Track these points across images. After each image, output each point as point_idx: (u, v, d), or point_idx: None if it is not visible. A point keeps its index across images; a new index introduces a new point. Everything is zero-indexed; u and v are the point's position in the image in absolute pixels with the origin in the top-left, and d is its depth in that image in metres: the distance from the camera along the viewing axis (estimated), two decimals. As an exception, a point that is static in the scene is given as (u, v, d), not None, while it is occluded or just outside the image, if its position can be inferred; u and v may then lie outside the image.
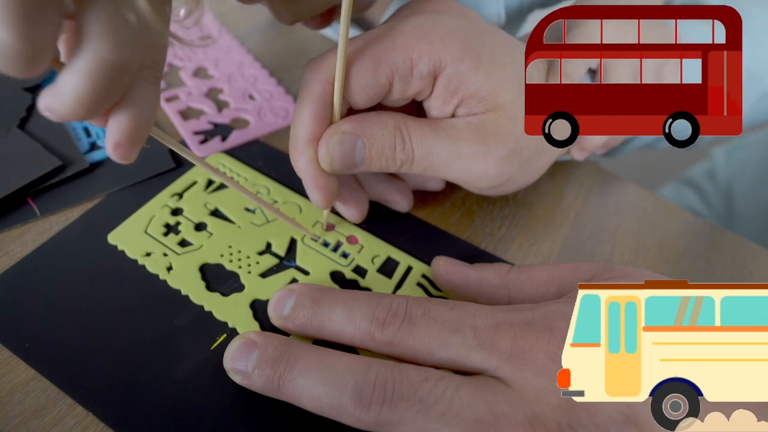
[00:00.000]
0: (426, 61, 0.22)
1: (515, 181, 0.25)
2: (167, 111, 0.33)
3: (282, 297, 0.22)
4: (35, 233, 0.25)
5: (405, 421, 0.17)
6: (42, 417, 0.20)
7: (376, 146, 0.23)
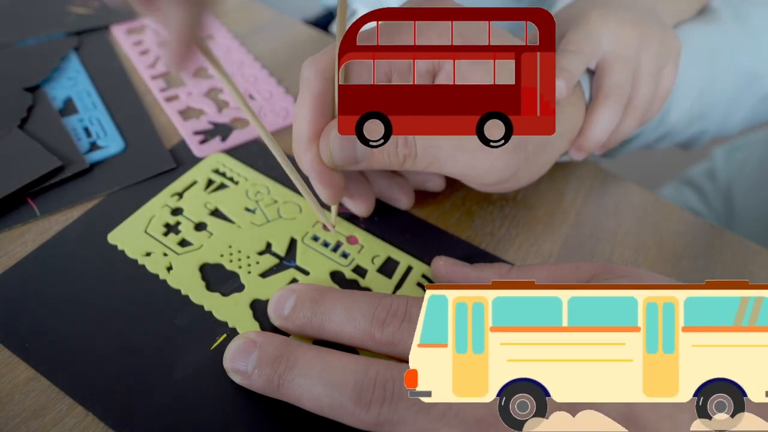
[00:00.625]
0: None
1: (521, 176, 0.25)
2: (167, 111, 0.33)
3: (282, 297, 0.22)
4: (35, 233, 0.25)
5: (405, 421, 0.17)
6: (42, 417, 0.20)
7: None
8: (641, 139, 0.32)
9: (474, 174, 0.24)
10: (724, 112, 0.35)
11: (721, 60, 0.33)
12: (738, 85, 0.34)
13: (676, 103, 0.31)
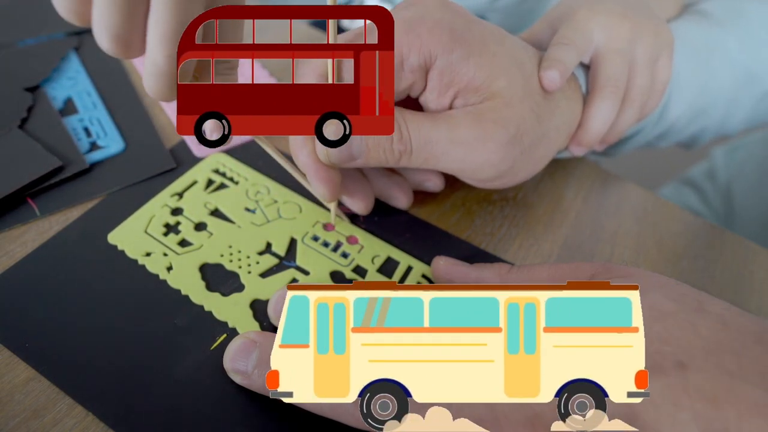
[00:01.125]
0: (416, 54, 0.22)
1: (518, 170, 0.25)
2: (167, 110, 0.33)
3: (282, 297, 0.22)
4: (35, 233, 0.25)
5: (405, 421, 0.17)
6: (42, 417, 0.20)
7: (372, 137, 0.23)
8: (642, 136, 0.32)
9: (470, 169, 0.24)
10: (724, 111, 0.35)
11: (720, 58, 0.33)
12: (737, 83, 0.34)
13: (675, 99, 0.31)
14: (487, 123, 0.23)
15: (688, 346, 0.17)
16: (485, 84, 0.23)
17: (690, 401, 0.16)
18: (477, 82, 0.23)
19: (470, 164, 0.24)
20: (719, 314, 0.18)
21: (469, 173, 0.25)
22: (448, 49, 0.22)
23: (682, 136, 0.36)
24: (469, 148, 0.23)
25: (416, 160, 0.23)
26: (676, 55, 0.31)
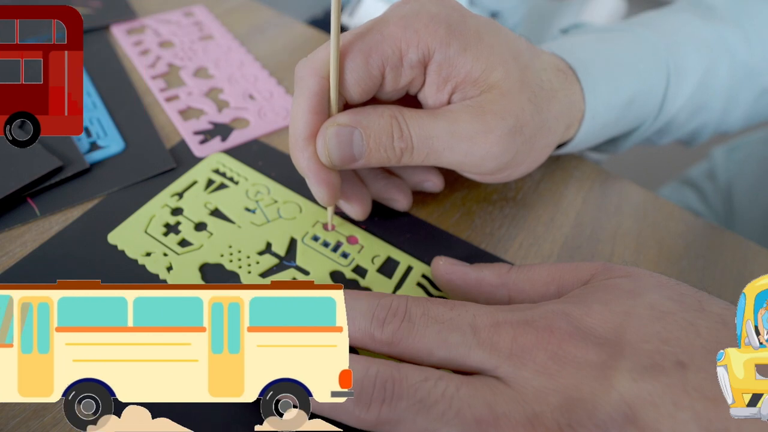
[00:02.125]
0: (414, 49, 0.22)
1: (520, 161, 0.25)
2: (167, 111, 0.33)
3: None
4: (35, 233, 0.26)
5: (405, 420, 0.17)
6: (42, 417, 0.20)
7: (373, 136, 0.23)
8: (641, 131, 0.32)
9: (472, 162, 0.24)
10: (723, 106, 0.35)
11: (721, 53, 0.33)
12: (737, 79, 0.34)
13: (675, 93, 0.31)
14: (487, 115, 0.23)
15: (688, 346, 0.17)
16: (483, 76, 0.23)
17: (690, 401, 0.16)
18: (474, 74, 0.23)
19: (472, 157, 0.23)
20: (719, 314, 0.18)
21: (471, 166, 0.24)
22: (445, 42, 0.22)
23: (681, 133, 0.36)
24: (470, 141, 0.23)
25: (418, 156, 0.23)
26: (678, 47, 0.31)
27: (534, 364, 0.17)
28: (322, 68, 0.22)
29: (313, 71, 0.22)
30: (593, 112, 0.27)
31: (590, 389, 0.17)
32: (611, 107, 0.28)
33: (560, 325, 0.18)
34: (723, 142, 0.60)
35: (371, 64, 0.22)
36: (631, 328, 0.18)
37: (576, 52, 0.28)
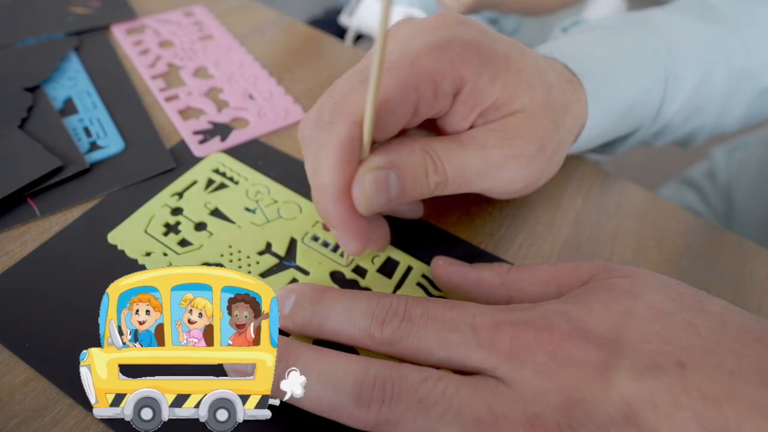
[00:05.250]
0: (449, 81, 0.21)
1: (541, 179, 0.25)
2: (167, 111, 0.33)
3: (281, 297, 0.22)
4: (35, 233, 0.26)
5: (404, 421, 0.17)
6: (42, 417, 0.20)
7: (409, 175, 0.21)
8: (639, 134, 0.32)
9: (501, 185, 0.24)
10: (720, 108, 0.35)
11: (718, 54, 0.33)
12: (734, 81, 0.34)
13: (672, 95, 0.31)
14: (514, 139, 0.22)
15: (687, 346, 0.17)
16: (508, 102, 0.22)
17: (690, 401, 0.16)
18: (501, 101, 0.22)
19: (501, 180, 0.23)
20: (719, 314, 0.18)
21: (499, 189, 0.24)
22: (477, 73, 0.21)
23: (678, 135, 0.36)
24: (500, 167, 0.23)
25: (451, 188, 0.23)
26: (676, 51, 0.31)
27: (534, 364, 0.17)
28: (355, 113, 0.20)
29: (345, 116, 0.20)
30: (594, 120, 0.27)
31: (590, 389, 0.17)
32: (611, 114, 0.28)
33: (560, 325, 0.18)
34: (723, 142, 0.60)
35: (407, 101, 0.20)
36: (631, 327, 0.18)
37: (578, 56, 0.27)
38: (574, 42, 0.29)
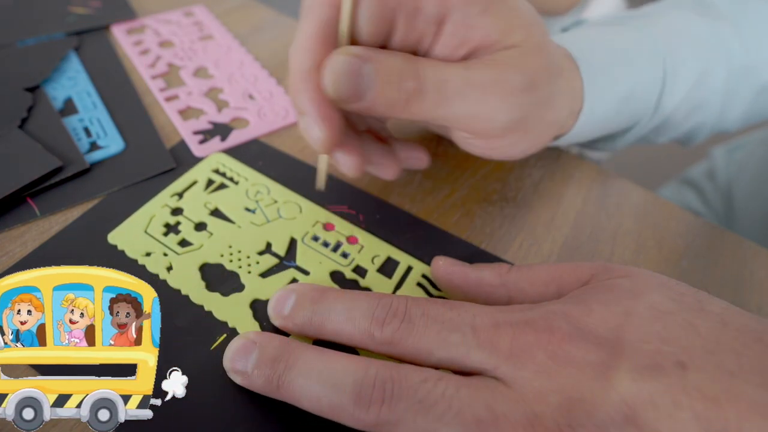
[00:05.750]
0: (434, 2, 0.21)
1: (528, 127, 0.24)
2: (167, 111, 0.33)
3: (282, 297, 0.22)
4: (35, 233, 0.26)
5: (404, 421, 0.17)
6: (42, 417, 0.20)
7: (385, 71, 0.21)
8: (637, 129, 0.32)
9: (483, 115, 0.22)
10: (721, 105, 0.35)
11: (719, 51, 0.33)
12: (734, 77, 0.34)
13: (671, 90, 0.31)
14: (502, 65, 0.22)
15: (688, 346, 0.17)
16: (500, 39, 0.22)
17: (690, 401, 0.16)
18: (492, 37, 0.21)
19: (483, 107, 0.22)
20: (719, 314, 0.18)
21: (480, 122, 0.23)
22: (466, 1, 0.21)
23: (679, 131, 0.36)
24: (483, 89, 0.22)
25: (427, 102, 0.22)
26: (676, 45, 0.31)
27: (534, 365, 0.17)
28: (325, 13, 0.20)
29: (324, 0, 0.21)
30: (591, 105, 0.27)
31: (590, 389, 0.17)
32: (608, 101, 0.28)
33: (560, 325, 0.18)
34: (723, 141, 0.60)
35: (387, 3, 0.20)
36: (631, 328, 0.18)
37: (577, 43, 0.28)
38: (574, 34, 0.29)
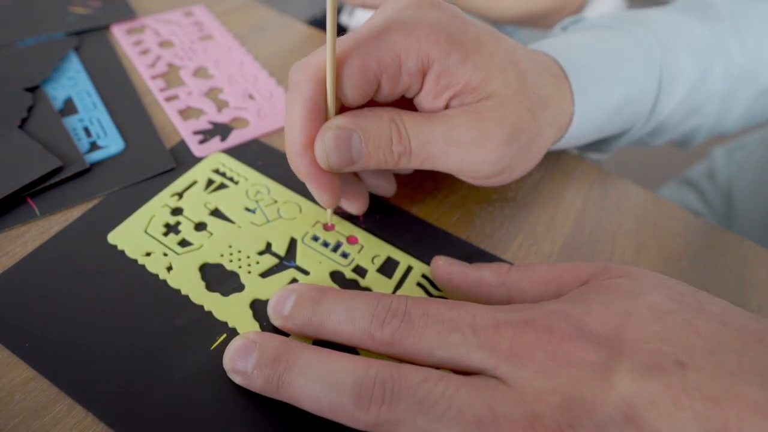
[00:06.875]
0: (414, 58, 0.22)
1: (515, 167, 0.25)
2: (167, 111, 0.33)
3: (282, 297, 0.22)
4: (35, 233, 0.26)
5: (404, 421, 0.17)
6: (42, 417, 0.20)
7: (372, 139, 0.22)
8: (633, 132, 0.32)
9: (468, 168, 0.24)
10: (719, 108, 0.35)
11: (717, 54, 0.33)
12: (733, 81, 0.34)
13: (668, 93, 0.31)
14: (484, 122, 0.23)
15: (688, 346, 0.17)
16: (482, 85, 0.23)
17: (690, 401, 0.16)
18: (474, 83, 0.23)
19: (468, 164, 0.24)
20: (719, 314, 0.18)
21: (466, 172, 0.25)
22: (445, 53, 0.22)
23: (675, 134, 0.36)
24: (467, 147, 0.23)
25: (415, 160, 0.23)
26: (672, 50, 0.31)
27: (534, 364, 0.17)
28: (317, 73, 0.22)
29: (308, 76, 0.22)
30: (581, 116, 0.27)
31: (590, 389, 0.17)
32: (600, 111, 0.28)
33: (560, 325, 0.18)
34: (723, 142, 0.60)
35: (368, 69, 0.22)
36: (631, 327, 0.18)
37: (569, 53, 0.28)
38: (569, 39, 0.29)
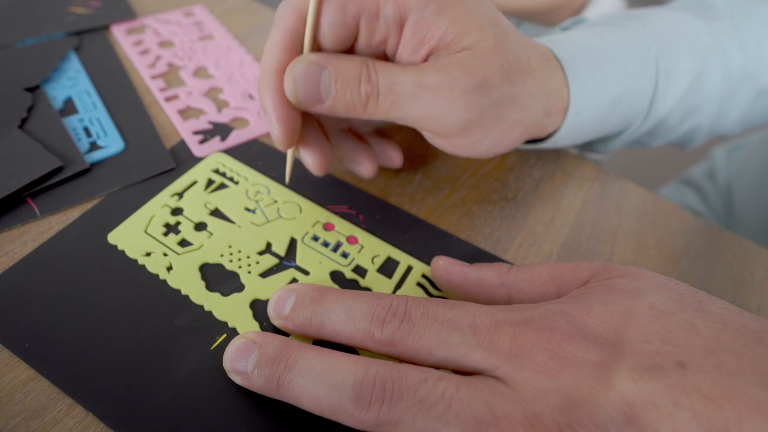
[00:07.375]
0: (391, 6, 0.22)
1: (487, 126, 0.25)
2: (167, 111, 0.33)
3: (282, 297, 0.22)
4: (35, 233, 0.26)
5: (404, 421, 0.17)
6: (42, 417, 0.20)
7: (342, 77, 0.23)
8: (629, 132, 0.32)
9: (436, 115, 0.23)
10: (717, 109, 0.35)
11: (715, 55, 0.33)
12: (732, 81, 0.34)
13: (664, 94, 0.31)
14: (453, 68, 0.23)
15: (687, 346, 0.17)
16: (456, 39, 0.23)
17: (690, 401, 0.16)
18: (448, 37, 0.23)
19: (435, 110, 0.23)
20: (719, 314, 0.18)
21: (434, 121, 0.24)
22: (423, 3, 0.22)
23: (673, 135, 0.35)
24: (435, 91, 0.23)
25: (383, 103, 0.23)
26: (670, 48, 0.31)
27: (534, 364, 0.17)
28: (300, 8, 0.23)
29: (291, 10, 0.23)
30: (578, 107, 0.27)
31: (590, 389, 0.17)
32: (597, 104, 0.28)
33: (560, 325, 0.18)
34: (723, 142, 0.60)
35: (348, 10, 0.22)
36: (631, 327, 0.18)
37: (566, 45, 0.28)
38: (565, 34, 0.30)
